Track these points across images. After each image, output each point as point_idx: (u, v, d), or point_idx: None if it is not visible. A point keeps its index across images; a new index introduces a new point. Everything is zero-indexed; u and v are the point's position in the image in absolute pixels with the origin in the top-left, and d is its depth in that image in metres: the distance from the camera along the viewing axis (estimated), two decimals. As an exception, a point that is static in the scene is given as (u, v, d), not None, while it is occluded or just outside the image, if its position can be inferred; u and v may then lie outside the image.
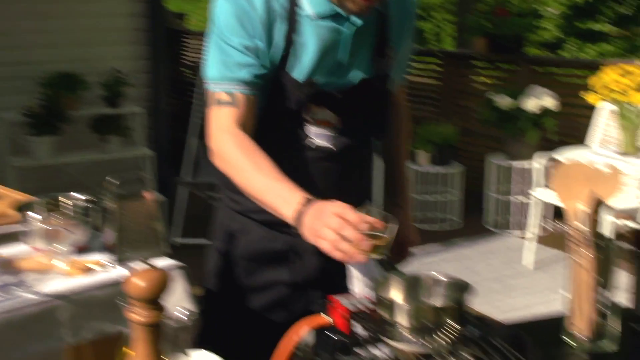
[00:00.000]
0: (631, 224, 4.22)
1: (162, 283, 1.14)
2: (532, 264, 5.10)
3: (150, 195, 1.87)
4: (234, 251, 1.87)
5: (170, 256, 2.03)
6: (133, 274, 1.15)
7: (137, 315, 1.15)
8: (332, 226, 1.42)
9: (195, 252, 2.09)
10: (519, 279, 4.90)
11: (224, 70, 1.70)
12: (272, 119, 1.76)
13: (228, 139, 1.67)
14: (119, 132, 5.68)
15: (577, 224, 1.57)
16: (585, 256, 1.57)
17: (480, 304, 1.59)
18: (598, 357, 1.59)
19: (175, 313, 1.33)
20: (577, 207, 1.58)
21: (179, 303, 1.74)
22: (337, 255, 1.44)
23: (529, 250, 5.12)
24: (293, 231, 1.79)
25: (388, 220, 1.49)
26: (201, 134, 5.84)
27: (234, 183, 1.68)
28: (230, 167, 1.67)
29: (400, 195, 2.10)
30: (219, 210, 1.94)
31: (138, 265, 1.18)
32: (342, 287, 1.80)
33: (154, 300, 1.14)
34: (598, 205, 1.58)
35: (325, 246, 1.44)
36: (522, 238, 5.61)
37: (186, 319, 1.32)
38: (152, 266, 1.15)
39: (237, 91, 1.70)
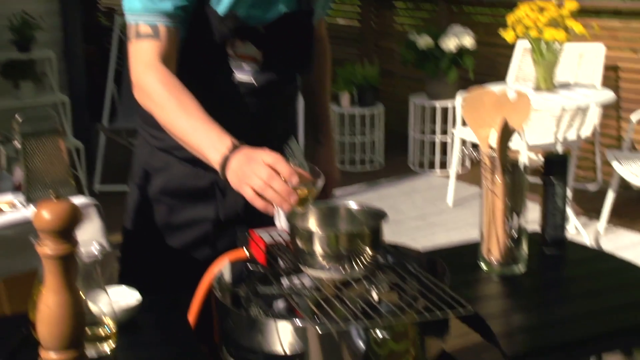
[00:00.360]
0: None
1: (69, 215, 1.12)
2: (454, 201, 5.22)
3: (60, 134, 1.83)
4: (155, 188, 1.85)
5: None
6: (39, 207, 1.13)
7: (46, 248, 1.14)
8: (261, 175, 1.40)
9: (115, 199, 2.06)
10: (441, 216, 5.01)
11: (146, 1, 1.66)
12: (195, 53, 1.73)
13: (151, 74, 1.62)
14: (32, 77, 5.52)
15: (488, 150, 1.62)
16: (496, 182, 1.62)
17: (404, 241, 1.63)
18: (508, 279, 1.65)
19: (90, 248, 1.33)
20: (488, 134, 1.62)
21: (94, 239, 1.72)
22: (259, 204, 1.42)
23: (451, 188, 5.23)
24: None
25: (317, 175, 1.49)
26: (118, 80, 5.74)
27: (155, 119, 1.65)
28: (153, 103, 1.63)
29: (323, 133, 2.11)
30: (139, 147, 1.91)
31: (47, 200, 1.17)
32: (267, 222, 1.81)
33: (62, 232, 1.13)
34: (507, 131, 1.62)
35: (249, 194, 1.42)
36: (445, 176, 5.71)
37: (99, 254, 1.32)
38: (59, 199, 1.13)
39: (160, 23, 1.65)
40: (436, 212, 5.09)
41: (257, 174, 1.40)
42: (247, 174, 1.42)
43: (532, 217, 1.69)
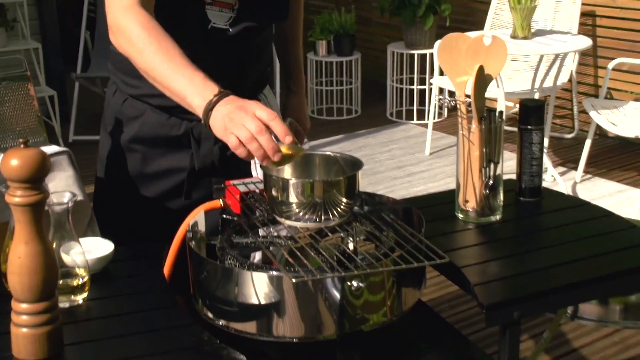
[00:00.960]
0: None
1: (37, 162, 1.10)
2: (432, 151, 5.21)
3: (30, 81, 1.77)
4: (128, 137, 1.82)
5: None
6: (7, 154, 1.11)
7: (14, 196, 1.12)
8: (250, 127, 1.36)
9: (90, 149, 2.00)
10: (419, 166, 5.01)
11: None
12: None
13: (130, 16, 1.56)
14: (3, 23, 5.41)
15: (464, 98, 1.60)
16: (472, 130, 1.60)
17: (381, 191, 1.62)
18: (485, 228, 1.65)
19: (61, 197, 1.30)
20: (464, 81, 1.60)
21: (66, 188, 1.69)
22: (241, 152, 1.38)
23: (429, 138, 5.22)
24: (194, 117, 1.75)
25: (301, 138, 1.45)
26: (92, 27, 5.64)
27: (129, 66, 1.60)
28: (132, 46, 1.55)
29: (294, 81, 2.08)
30: (110, 95, 1.87)
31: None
32: (243, 173, 1.79)
33: (30, 180, 1.11)
34: (483, 78, 1.60)
35: (233, 142, 1.38)
36: (422, 126, 5.70)
37: (71, 203, 1.29)
38: (27, 146, 1.10)
39: None
40: (414, 162, 5.09)
41: (246, 125, 1.37)
42: (236, 122, 1.38)
43: (508, 167, 1.69)
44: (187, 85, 1.48)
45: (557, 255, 1.54)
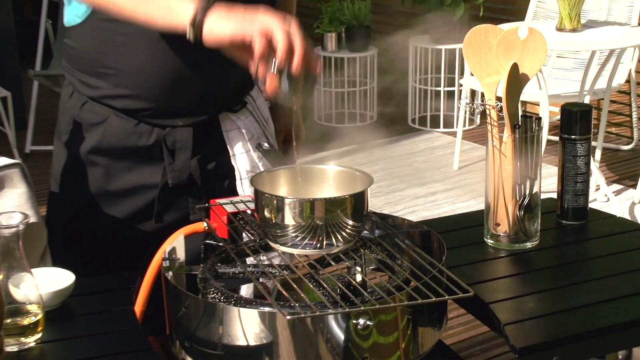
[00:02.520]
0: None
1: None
2: (461, 165, 5.23)
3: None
4: (88, 147, 1.83)
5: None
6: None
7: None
8: (281, 39, 1.42)
9: (50, 161, 2.01)
10: (445, 183, 5.02)
11: None
12: None
13: None
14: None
15: (494, 102, 1.61)
16: (503, 139, 1.61)
17: (401, 212, 1.63)
18: (518, 256, 1.66)
19: (11, 219, 1.32)
20: (494, 82, 1.62)
21: (17, 207, 1.70)
22: (262, 44, 1.44)
23: (457, 149, 5.23)
24: (167, 124, 1.77)
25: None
26: (54, 15, 5.68)
27: (88, 61, 1.60)
28: None
29: None
30: (66, 97, 1.88)
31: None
32: (229, 191, 1.80)
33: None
34: (518, 78, 1.61)
35: (257, 29, 1.44)
36: (450, 134, 5.72)
37: (21, 225, 1.31)
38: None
39: None
40: (439, 178, 5.10)
41: (268, 23, 1.43)
42: (255, 19, 1.45)
43: (550, 184, 1.70)
44: None
45: (604, 289, 1.55)
